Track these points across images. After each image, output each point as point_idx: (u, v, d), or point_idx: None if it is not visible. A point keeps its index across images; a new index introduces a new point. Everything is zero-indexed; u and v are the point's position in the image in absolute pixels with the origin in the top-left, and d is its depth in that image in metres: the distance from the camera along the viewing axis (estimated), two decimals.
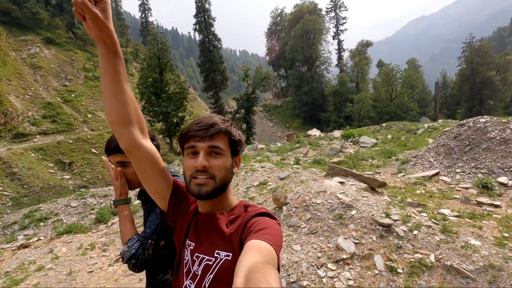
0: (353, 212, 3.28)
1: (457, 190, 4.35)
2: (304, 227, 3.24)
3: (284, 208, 3.63)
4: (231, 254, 0.75)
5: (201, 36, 30.08)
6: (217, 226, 0.81)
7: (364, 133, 10.12)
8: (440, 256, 2.65)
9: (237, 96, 32.98)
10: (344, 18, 39.89)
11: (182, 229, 0.88)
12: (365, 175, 4.12)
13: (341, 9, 39.56)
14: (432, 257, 2.66)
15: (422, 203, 3.79)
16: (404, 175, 5.25)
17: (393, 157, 6.56)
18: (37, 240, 5.15)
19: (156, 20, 30.60)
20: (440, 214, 3.37)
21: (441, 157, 5.36)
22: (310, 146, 8.54)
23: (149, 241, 1.09)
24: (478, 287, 2.34)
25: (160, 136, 29.95)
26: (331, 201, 3.46)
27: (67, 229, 5.47)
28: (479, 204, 3.83)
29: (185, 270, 0.82)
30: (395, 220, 3.15)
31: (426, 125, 10.77)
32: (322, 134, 12.16)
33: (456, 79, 35.73)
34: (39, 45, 33.75)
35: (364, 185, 3.96)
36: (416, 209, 3.53)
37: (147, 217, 1.17)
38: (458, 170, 4.85)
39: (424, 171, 5.22)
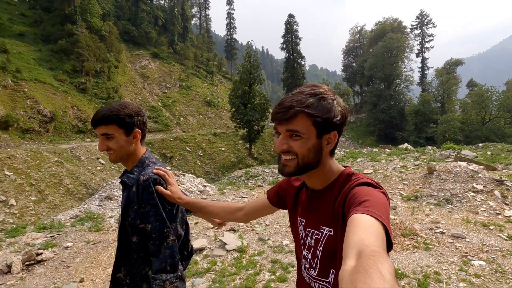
0: (480, 175, 6.80)
1: None
2: (451, 180, 6.88)
3: (435, 172, 7.31)
4: (332, 230, 0.86)
5: (287, 54, 35.39)
6: (320, 202, 0.92)
7: (464, 148, 12.96)
8: None
9: None
10: (430, 35, 41.34)
11: (290, 206, 1.09)
12: (482, 162, 7.55)
13: (428, 26, 41.13)
14: None
15: None
16: (506, 171, 8.35)
17: (497, 162, 9.58)
18: None
19: (252, 40, 36.87)
20: None
21: None
22: (419, 153, 11.86)
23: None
24: None
25: (241, 141, 35.58)
26: (465, 169, 7.03)
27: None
28: None
29: (301, 242, 0.98)
30: (505, 180, 6.57)
31: None
32: (414, 149, 14.99)
33: None
34: (148, 59, 43.22)
35: (483, 167, 7.37)
36: None
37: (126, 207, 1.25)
38: None
39: None
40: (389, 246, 0.66)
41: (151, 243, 1.19)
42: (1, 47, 26.77)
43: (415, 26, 41.63)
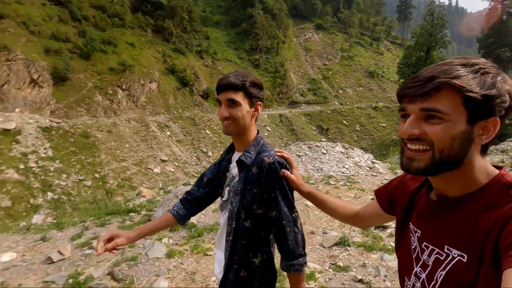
0: None
1: None
2: None
3: None
4: (466, 256, 0.62)
5: (491, 2, 26.25)
6: (451, 214, 0.68)
7: None
8: None
9: None
10: None
11: (400, 211, 0.86)
12: None
13: None
14: None
15: None
16: None
17: None
18: None
19: None
20: None
21: None
22: None
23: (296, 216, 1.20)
24: None
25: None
26: None
27: None
28: None
29: (414, 256, 0.76)
30: None
31: None
32: None
33: None
34: (312, 31, 43.90)
35: None
36: None
37: (245, 188, 1.17)
38: None
39: None
40: None
41: (280, 230, 1.15)
42: (205, 35, 34.79)
43: None
